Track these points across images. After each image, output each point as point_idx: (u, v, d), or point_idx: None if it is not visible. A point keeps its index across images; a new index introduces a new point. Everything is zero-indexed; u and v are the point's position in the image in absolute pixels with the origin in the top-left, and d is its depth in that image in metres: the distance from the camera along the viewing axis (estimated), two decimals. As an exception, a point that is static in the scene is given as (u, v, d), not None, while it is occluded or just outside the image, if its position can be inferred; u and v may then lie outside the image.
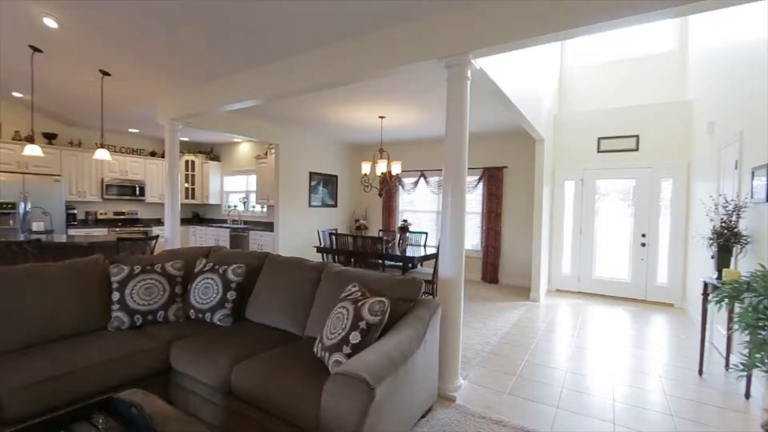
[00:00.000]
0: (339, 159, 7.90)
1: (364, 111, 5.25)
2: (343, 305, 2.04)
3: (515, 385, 2.80)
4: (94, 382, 1.96)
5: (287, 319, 2.53)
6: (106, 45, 3.79)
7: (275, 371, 1.90)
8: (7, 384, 1.74)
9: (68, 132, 6.80)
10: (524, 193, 6.38)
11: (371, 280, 2.35)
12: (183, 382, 2.25)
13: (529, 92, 4.28)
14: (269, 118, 5.98)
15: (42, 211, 5.42)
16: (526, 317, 4.57)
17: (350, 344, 1.83)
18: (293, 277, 2.64)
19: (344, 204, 8.10)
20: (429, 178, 7.32)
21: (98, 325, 2.45)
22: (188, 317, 2.68)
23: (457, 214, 2.58)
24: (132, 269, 2.58)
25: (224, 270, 2.72)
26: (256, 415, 1.89)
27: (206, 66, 4.07)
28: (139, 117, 6.10)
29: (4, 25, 3.62)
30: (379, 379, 1.56)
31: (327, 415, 1.58)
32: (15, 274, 2.23)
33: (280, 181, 6.52)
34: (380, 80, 4.03)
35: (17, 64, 4.47)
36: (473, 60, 2.58)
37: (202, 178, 8.23)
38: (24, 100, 5.82)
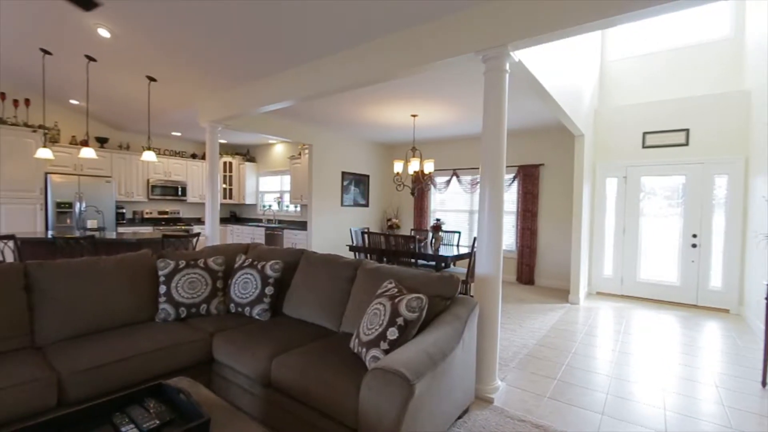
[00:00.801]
0: (371, 159, 7.94)
1: (396, 110, 5.24)
2: (379, 301, 2.04)
3: (556, 390, 2.69)
4: (144, 369, 2.06)
5: (323, 314, 2.56)
6: (152, 52, 4.00)
7: (313, 365, 1.92)
8: (69, 368, 1.86)
9: (118, 136, 7.24)
10: (562, 192, 6.15)
11: (407, 276, 2.33)
12: (224, 373, 2.33)
13: (569, 86, 4.11)
14: (303, 119, 6.10)
15: (95, 209, 5.79)
16: (564, 320, 4.39)
17: (388, 340, 1.82)
18: (329, 273, 2.67)
19: (376, 203, 8.13)
20: (461, 177, 7.21)
21: (147, 316, 2.58)
22: (228, 311, 2.77)
23: (495, 211, 2.51)
24: (177, 264, 2.70)
25: (262, 266, 2.79)
26: (295, 408, 1.92)
27: (244, 69, 4.20)
28: (181, 120, 6.40)
29: (64, 37, 3.90)
30: (418, 375, 1.54)
31: (365, 410, 1.58)
32: (75, 266, 2.39)
33: (313, 181, 6.64)
34: (413, 78, 4.01)
35: (74, 73, 4.80)
36: (512, 52, 2.51)
37: (239, 178, 8.52)
38: (80, 107, 6.25)
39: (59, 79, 5.04)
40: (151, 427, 1.31)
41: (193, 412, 1.39)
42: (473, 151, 7.11)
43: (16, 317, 2.10)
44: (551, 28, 2.30)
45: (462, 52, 2.63)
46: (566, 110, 3.97)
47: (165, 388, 1.54)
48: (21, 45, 4.22)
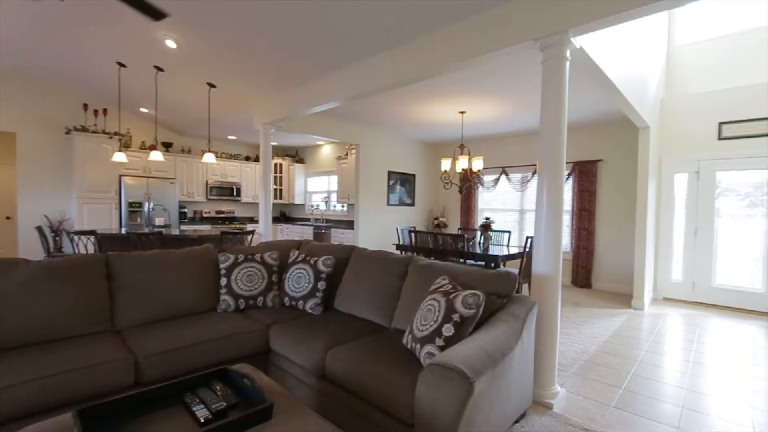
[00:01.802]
0: (417, 158, 7.90)
1: (444, 106, 5.17)
2: (433, 297, 2.00)
3: (622, 399, 2.50)
4: (209, 356, 2.18)
5: (374, 310, 2.57)
6: (213, 59, 4.25)
7: (367, 359, 1.92)
8: (144, 351, 2.01)
9: (180, 140, 7.78)
10: (622, 189, 5.74)
11: (461, 273, 2.27)
12: (280, 363, 2.40)
13: (633, 74, 3.83)
14: (350, 119, 6.20)
15: (162, 208, 6.26)
16: (628, 326, 4.08)
17: (443, 336, 1.79)
18: (380, 269, 2.68)
19: (422, 203, 8.08)
20: (511, 175, 6.96)
21: (209, 306, 2.73)
22: (283, 304, 2.87)
23: (554, 208, 2.38)
24: (236, 258, 2.83)
25: (315, 261, 2.85)
26: (349, 400, 1.94)
27: (296, 70, 4.33)
28: (236, 124, 6.75)
29: (137, 50, 4.25)
30: (477, 373, 1.48)
31: (422, 406, 1.55)
32: (148, 258, 2.58)
33: (359, 181, 6.72)
34: (462, 73, 3.93)
35: (144, 83, 5.22)
36: (573, 38, 2.37)
37: (289, 179, 8.83)
38: (148, 114, 6.79)
39: (131, 89, 5.51)
40: (219, 408, 1.37)
41: (257, 396, 1.44)
42: (524, 148, 6.85)
43: (100, 303, 2.30)
44: (617, 9, 2.15)
45: (518, 41, 2.53)
46: (630, 100, 3.70)
47: (230, 373, 1.61)
48: (101, 60, 4.67)
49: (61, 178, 6.24)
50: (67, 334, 2.15)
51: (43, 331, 2.07)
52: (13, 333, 1.99)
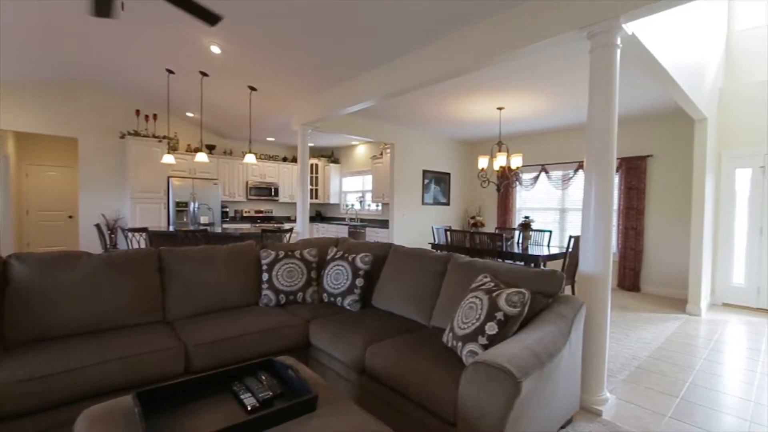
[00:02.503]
0: (452, 156, 7.79)
1: (481, 103, 5.06)
2: (475, 295, 1.96)
3: (680, 409, 2.33)
4: (252, 348, 2.25)
5: (413, 308, 2.55)
6: (254, 63, 4.39)
7: (407, 356, 1.91)
8: (192, 341, 2.10)
9: (222, 143, 8.12)
10: (675, 186, 5.37)
11: (503, 271, 2.20)
12: (320, 357, 2.44)
13: (689, 62, 3.57)
14: (385, 119, 6.21)
15: (207, 207, 6.55)
16: (682, 332, 3.81)
17: (486, 335, 1.74)
18: (418, 267, 2.65)
19: (457, 202, 7.96)
20: (551, 173, 6.71)
21: (251, 300, 2.81)
22: (322, 300, 2.91)
23: (603, 204, 2.26)
24: (277, 254, 2.91)
25: (353, 258, 2.87)
26: (389, 396, 1.93)
27: (333, 71, 4.39)
28: (275, 126, 6.95)
29: (184, 57, 4.48)
30: (524, 373, 1.43)
31: (466, 404, 1.51)
32: (195, 253, 2.70)
33: (394, 180, 6.72)
34: (500, 68, 3.82)
35: (190, 88, 5.48)
36: (624, 24, 2.24)
37: (324, 179, 8.98)
38: (194, 118, 7.14)
39: (179, 94, 5.81)
40: (266, 397, 1.40)
41: (301, 387, 1.46)
42: (565, 144, 6.57)
43: (153, 295, 2.43)
44: (675, -9, 2.00)
45: (562, 30, 2.42)
46: (686, 90, 3.45)
47: (274, 364, 1.64)
48: (152, 68, 4.95)
49: (117, 180, 6.69)
50: (124, 323, 2.29)
51: (103, 319, 2.22)
52: (77, 320, 2.15)
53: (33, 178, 7.57)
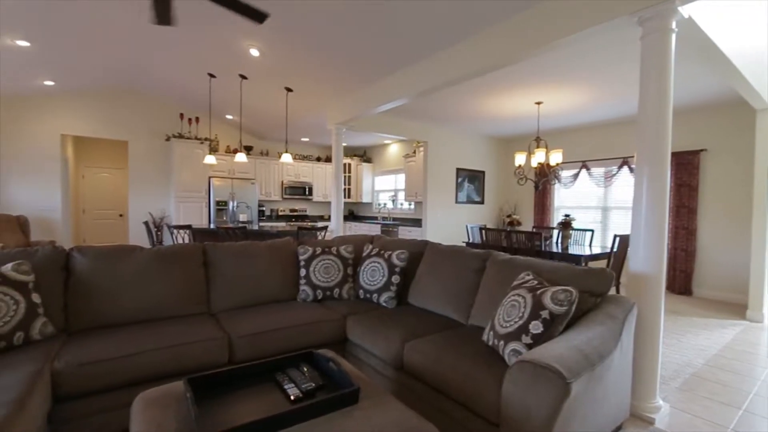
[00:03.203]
0: (487, 154, 7.64)
1: (518, 98, 4.92)
2: (517, 293, 1.89)
3: (743, 422, 2.15)
4: (291, 341, 2.29)
5: (450, 305, 2.51)
6: (291, 64, 4.49)
7: (447, 353, 1.87)
8: (236, 333, 2.17)
9: (259, 144, 8.37)
10: (732, 182, 4.98)
11: (547, 269, 2.12)
12: (357, 353, 2.45)
13: (752, 47, 3.28)
14: (419, 117, 6.17)
15: (246, 205, 6.78)
16: (742, 340, 3.52)
17: (530, 334, 1.67)
18: (456, 264, 2.61)
19: (491, 200, 7.79)
20: (592, 169, 6.41)
21: (289, 295, 2.87)
22: (358, 296, 2.92)
23: (656, 200, 2.13)
24: (314, 250, 2.95)
25: (389, 255, 2.86)
26: (428, 394, 1.90)
27: (368, 70, 4.41)
28: (309, 126, 7.08)
29: (225, 61, 4.65)
30: (574, 373, 1.36)
31: (510, 405, 1.46)
32: (237, 248, 2.80)
33: (427, 178, 6.67)
34: (539, 61, 3.70)
35: (230, 91, 5.68)
36: (680, 7, 2.09)
37: (357, 178, 9.06)
38: (233, 121, 7.40)
39: (219, 97, 6.05)
40: (308, 388, 1.42)
41: (343, 380, 1.47)
42: (609, 139, 6.26)
43: (198, 287, 2.54)
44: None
45: (611, 16, 2.30)
46: (748, 77, 3.19)
47: (315, 356, 1.66)
48: (195, 73, 5.18)
49: (162, 180, 7.06)
50: (173, 314, 2.40)
51: (153, 309, 2.34)
52: (131, 310, 2.27)
53: (88, 179, 8.13)
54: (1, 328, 1.74)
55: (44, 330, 1.92)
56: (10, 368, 1.55)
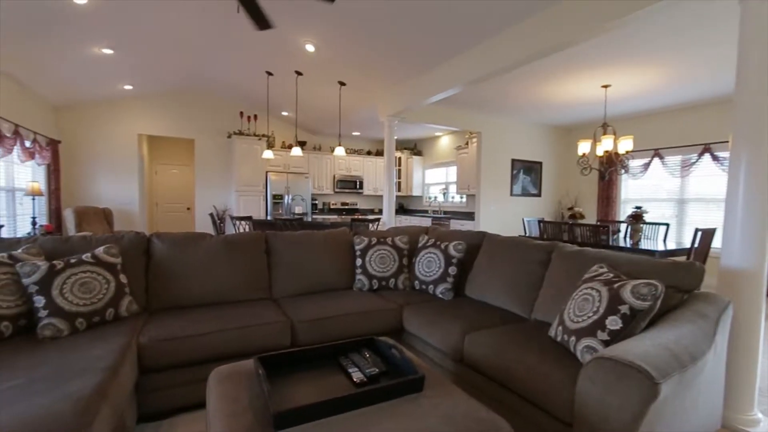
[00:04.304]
0: (544, 144, 7.24)
1: (582, 82, 4.59)
2: (590, 286, 1.76)
3: None
4: (349, 328, 2.32)
5: (511, 299, 2.40)
6: (344, 58, 4.53)
7: (510, 347, 1.79)
8: (297, 317, 2.24)
9: (312, 139, 8.61)
10: None
11: (623, 261, 1.95)
12: (413, 343, 2.43)
13: None
14: (472, 107, 5.99)
15: (301, 198, 7.02)
16: None
17: (607, 330, 1.54)
18: (517, 256, 2.49)
19: (549, 192, 7.39)
20: (666, 158, 5.84)
21: (346, 284, 2.91)
22: (413, 287, 2.89)
23: (757, 185, 1.87)
24: (370, 240, 2.96)
25: (445, 246, 2.80)
26: (491, 388, 1.83)
27: (421, 59, 4.34)
28: (361, 120, 7.14)
29: (282, 58, 4.80)
30: (663, 374, 1.23)
31: (585, 404, 1.36)
32: (296, 237, 2.88)
33: (481, 170, 6.46)
34: (607, 39, 3.40)
35: (286, 88, 5.87)
36: (793, -39, 1.80)
37: (407, 172, 9.02)
38: (288, 117, 7.67)
39: (276, 95, 6.28)
40: (372, 373, 1.42)
41: (406, 367, 1.45)
42: (685, 124, 5.66)
43: (261, 274, 2.65)
44: None
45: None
46: None
47: (377, 343, 1.66)
48: (254, 71, 5.41)
49: (225, 175, 7.50)
50: (238, 298, 2.53)
51: (221, 293, 2.48)
52: (201, 293, 2.43)
53: (160, 175, 8.85)
54: (95, 304, 1.93)
55: (130, 308, 2.10)
56: (104, 340, 1.71)
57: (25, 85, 5.02)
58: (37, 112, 5.44)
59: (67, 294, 1.84)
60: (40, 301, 1.79)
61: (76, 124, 6.33)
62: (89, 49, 4.40)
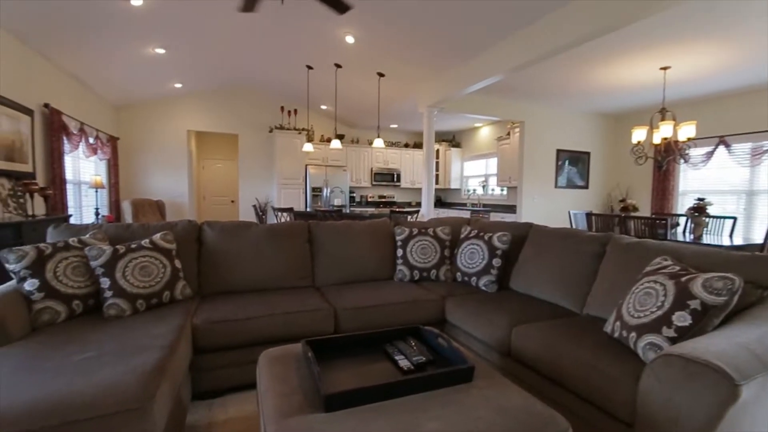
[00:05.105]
0: (593, 133, 6.86)
1: (638, 64, 4.27)
2: (653, 279, 1.63)
3: None
4: (391, 318, 2.31)
5: (560, 292, 2.29)
6: (383, 48, 4.50)
7: (562, 341, 1.70)
8: (340, 305, 2.26)
9: (350, 132, 8.67)
10: None
11: (689, 254, 1.79)
12: (456, 335, 2.38)
13: None
14: (515, 95, 5.77)
15: (340, 190, 7.11)
16: None
17: (674, 326, 1.42)
18: (568, 248, 2.36)
19: (597, 184, 7.00)
20: (734, 146, 5.34)
21: (386, 275, 2.90)
22: (455, 279, 2.84)
23: None
24: (411, 231, 2.93)
25: (489, 237, 2.72)
26: (540, 383, 1.76)
27: (459, 48, 4.23)
28: (399, 111, 7.10)
29: (321, 51, 4.84)
30: (744, 375, 1.11)
31: (650, 404, 1.26)
32: (337, 227, 2.91)
33: (524, 161, 6.23)
34: (668, 14, 3.12)
35: (325, 82, 5.93)
36: None
37: (445, 164, 8.88)
38: (326, 111, 7.76)
39: (315, 88, 6.37)
40: (419, 361, 1.39)
41: (454, 357, 1.41)
42: (757, 108, 5.13)
43: (304, 262, 2.70)
44: None
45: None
46: None
47: (422, 332, 1.64)
48: (295, 66, 5.50)
49: (267, 169, 7.74)
50: (282, 285, 2.59)
51: (266, 280, 2.55)
52: (248, 279, 2.51)
53: (207, 170, 9.28)
54: (153, 287, 2.04)
55: (184, 291, 2.21)
56: (162, 320, 1.81)
57: (87, 85, 5.41)
58: (99, 110, 5.86)
59: (129, 276, 1.96)
60: (105, 282, 1.92)
61: (131, 122, 6.76)
62: (143, 49, 4.66)
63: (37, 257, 1.82)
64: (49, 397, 1.12)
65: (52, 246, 1.92)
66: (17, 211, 3.37)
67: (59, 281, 1.84)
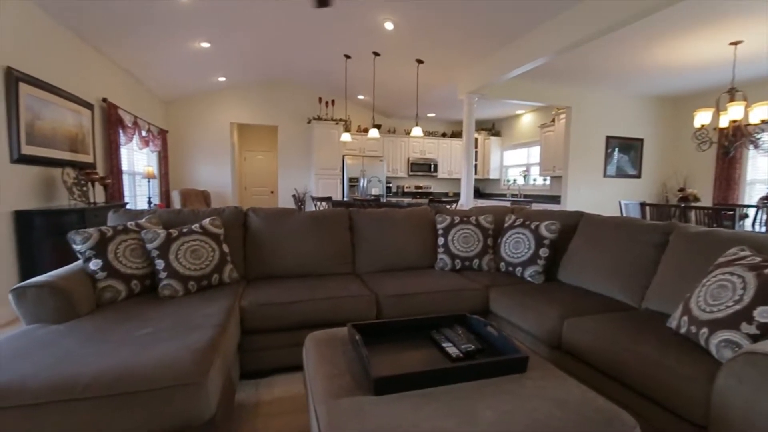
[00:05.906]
0: (646, 118, 6.39)
1: (702, 40, 3.90)
2: (728, 271, 1.48)
3: None
4: (433, 306, 2.27)
5: (615, 285, 2.14)
6: (423, 33, 4.39)
7: (621, 335, 1.59)
8: (382, 292, 2.24)
9: (387, 122, 8.62)
10: None
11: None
12: (501, 326, 2.30)
13: None
14: (560, 79, 5.47)
15: (378, 179, 7.12)
16: None
17: (755, 322, 1.28)
18: (624, 238, 2.21)
19: (651, 173, 6.53)
20: (815, 129, 4.77)
21: (427, 263, 2.86)
22: (498, 269, 2.74)
23: None
24: (452, 219, 2.86)
25: (536, 226, 2.60)
26: (594, 378, 1.66)
27: (501, 30, 4.05)
28: (437, 100, 6.95)
29: (359, 39, 4.80)
30: None
31: (727, 405, 1.15)
32: (378, 214, 2.89)
33: (570, 149, 5.92)
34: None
35: (363, 71, 5.89)
36: None
37: (484, 153, 8.63)
38: (363, 101, 7.75)
39: (352, 78, 6.35)
40: (468, 349, 1.35)
41: (504, 346, 1.35)
42: None
43: (345, 249, 2.71)
44: None
45: None
46: None
47: (469, 320, 1.58)
48: (333, 56, 5.50)
49: (305, 160, 7.87)
50: (324, 272, 2.61)
51: (309, 265, 2.58)
52: (291, 264, 2.55)
53: (248, 161, 9.58)
54: (203, 269, 2.12)
55: (231, 275, 2.28)
56: (213, 301, 1.88)
57: (139, 80, 5.70)
58: (150, 105, 6.17)
59: (182, 259, 2.05)
60: (160, 264, 2.01)
61: (179, 115, 7.08)
62: (190, 44, 4.83)
63: (100, 239, 1.94)
64: (114, 368, 1.18)
65: (113, 229, 2.03)
66: (81, 199, 3.62)
67: (120, 262, 1.95)
